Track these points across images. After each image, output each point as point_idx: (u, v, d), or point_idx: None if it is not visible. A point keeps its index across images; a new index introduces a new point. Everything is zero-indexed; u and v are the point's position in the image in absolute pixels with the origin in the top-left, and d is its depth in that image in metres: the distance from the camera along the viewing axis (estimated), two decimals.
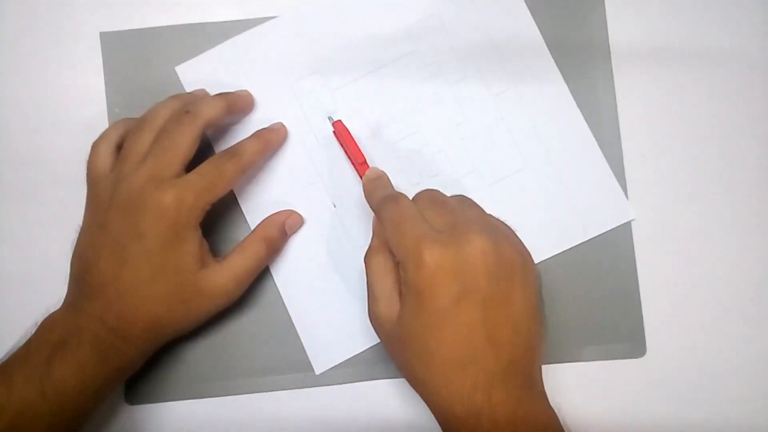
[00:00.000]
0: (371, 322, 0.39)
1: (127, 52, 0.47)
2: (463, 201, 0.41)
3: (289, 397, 0.44)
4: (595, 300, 0.45)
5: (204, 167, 0.41)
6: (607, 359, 0.44)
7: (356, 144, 0.44)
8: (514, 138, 0.46)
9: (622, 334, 0.44)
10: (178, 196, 0.39)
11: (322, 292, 0.45)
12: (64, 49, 0.47)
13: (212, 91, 0.45)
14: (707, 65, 0.46)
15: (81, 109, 0.47)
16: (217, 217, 0.45)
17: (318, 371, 0.44)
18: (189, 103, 0.43)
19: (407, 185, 0.46)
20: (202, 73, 0.47)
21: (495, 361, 0.35)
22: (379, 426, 0.44)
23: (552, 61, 0.46)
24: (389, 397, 0.44)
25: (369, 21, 0.47)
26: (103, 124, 0.46)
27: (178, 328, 0.42)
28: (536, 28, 0.46)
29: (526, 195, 0.45)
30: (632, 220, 0.45)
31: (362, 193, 0.42)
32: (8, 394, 0.37)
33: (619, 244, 0.45)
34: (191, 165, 0.41)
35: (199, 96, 0.45)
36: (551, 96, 0.46)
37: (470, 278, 0.35)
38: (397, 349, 0.38)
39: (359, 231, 0.45)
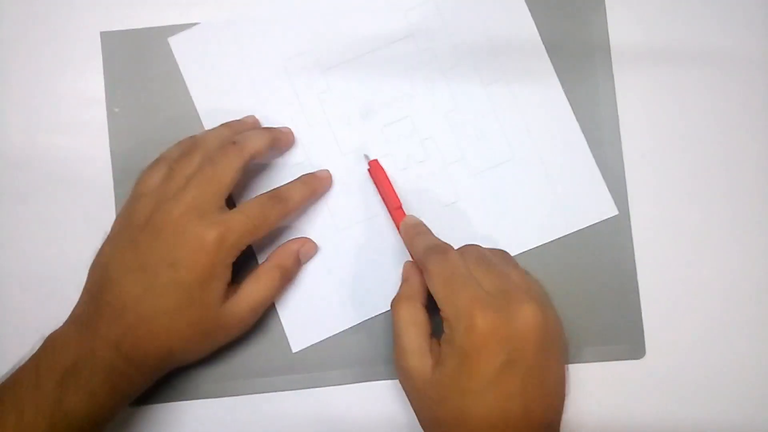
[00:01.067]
0: (398, 373, 0.39)
1: (128, 52, 0.47)
2: (506, 260, 0.40)
3: (289, 398, 0.44)
4: (595, 301, 0.45)
5: (250, 208, 0.41)
6: (606, 360, 0.44)
7: (392, 187, 0.44)
8: (503, 128, 0.46)
9: (621, 335, 0.44)
10: (221, 234, 0.39)
11: (303, 272, 0.45)
12: (64, 48, 0.47)
13: (205, 65, 0.46)
14: (707, 65, 0.46)
15: (81, 109, 0.46)
16: None
17: (295, 349, 0.44)
18: (239, 132, 0.43)
19: (394, 170, 0.46)
20: (195, 46, 0.46)
21: None
22: (379, 427, 0.44)
23: (545, 54, 0.46)
24: (389, 398, 0.44)
25: (365, 3, 0.47)
26: (103, 124, 0.46)
27: (188, 359, 0.42)
28: (532, 21, 0.46)
29: (512, 186, 0.46)
30: (615, 215, 0.45)
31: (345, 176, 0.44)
32: (18, 423, 0.36)
33: (619, 245, 0.45)
34: None
35: (249, 123, 0.45)
36: (542, 89, 0.46)
37: (518, 348, 0.35)
38: (427, 405, 0.37)
39: (342, 210, 0.45)
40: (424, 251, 0.39)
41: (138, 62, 0.47)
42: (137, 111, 0.46)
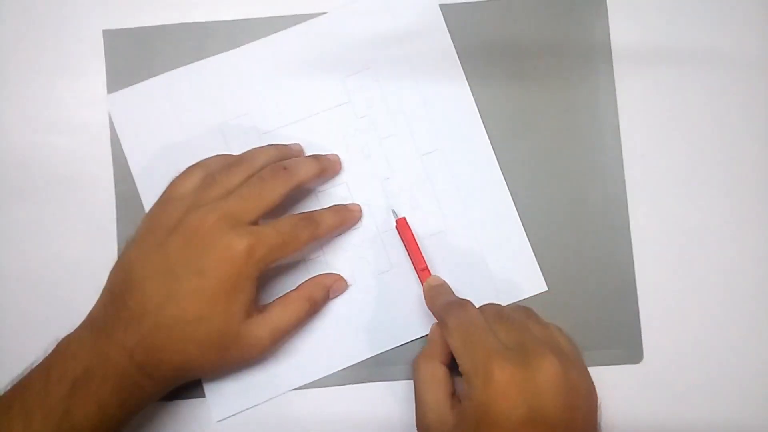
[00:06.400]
0: (418, 431, 0.38)
1: (131, 50, 0.47)
2: (528, 315, 0.39)
3: (286, 398, 0.44)
4: (592, 304, 0.44)
5: (282, 225, 0.40)
6: (603, 365, 0.44)
7: (418, 247, 0.44)
8: (438, 198, 0.46)
9: (619, 340, 0.44)
10: (251, 245, 0.38)
11: None
12: (66, 47, 0.47)
13: (142, 123, 0.46)
14: (707, 65, 0.46)
15: (83, 107, 0.46)
16: None
17: (216, 419, 0.44)
18: (286, 156, 0.43)
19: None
20: (134, 104, 0.46)
21: None
22: (379, 427, 0.44)
23: (481, 123, 0.46)
24: (389, 398, 0.44)
25: (304, 69, 0.47)
26: (105, 123, 0.46)
27: (202, 373, 0.41)
28: (469, 90, 0.46)
29: (443, 257, 0.45)
30: (545, 291, 0.45)
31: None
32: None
33: (617, 247, 0.45)
34: None
35: (296, 150, 0.45)
36: (479, 160, 0.46)
37: (538, 402, 0.33)
38: None
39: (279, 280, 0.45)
40: (443, 307, 0.39)
41: (141, 61, 0.47)
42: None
